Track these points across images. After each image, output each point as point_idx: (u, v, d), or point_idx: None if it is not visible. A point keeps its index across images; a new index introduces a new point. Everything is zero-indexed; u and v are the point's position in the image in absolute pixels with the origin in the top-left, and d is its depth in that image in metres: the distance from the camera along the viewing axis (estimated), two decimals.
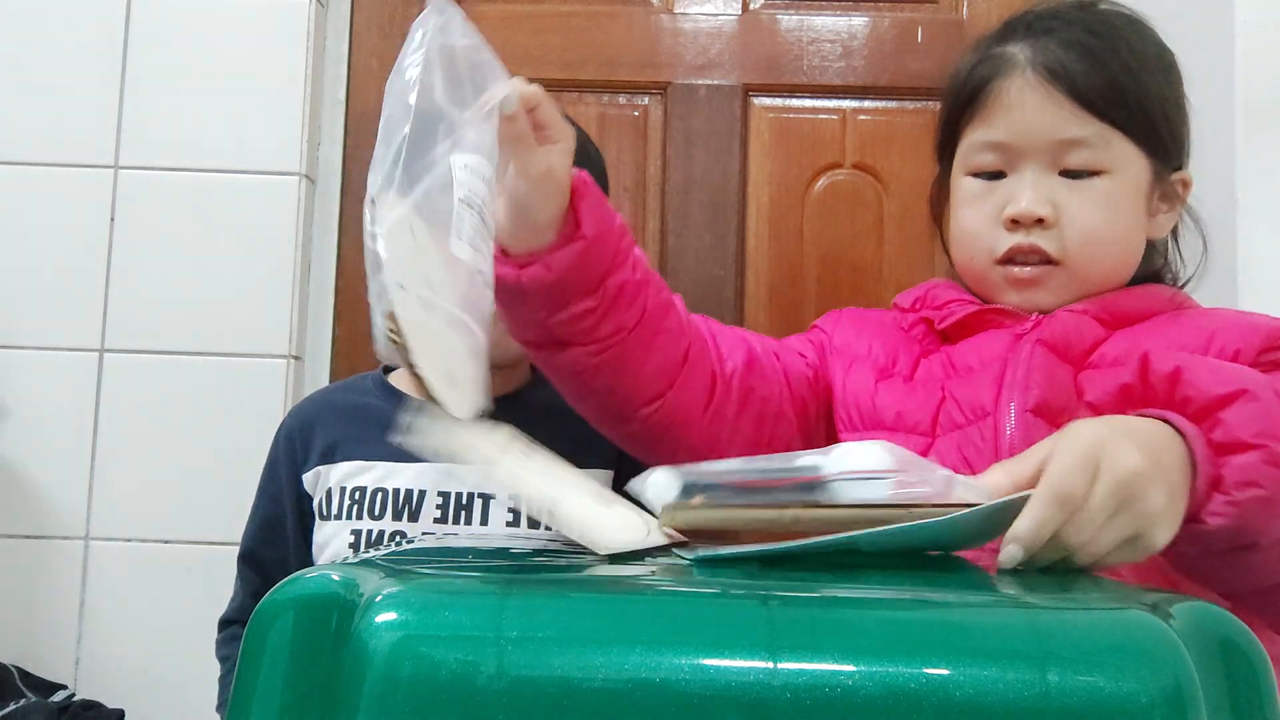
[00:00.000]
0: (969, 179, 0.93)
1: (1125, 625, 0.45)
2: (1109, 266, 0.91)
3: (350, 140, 1.55)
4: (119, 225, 1.48)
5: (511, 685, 0.42)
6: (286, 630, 0.46)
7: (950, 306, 0.95)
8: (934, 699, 0.42)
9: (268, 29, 1.50)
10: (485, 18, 1.58)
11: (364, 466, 1.08)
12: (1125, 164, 0.89)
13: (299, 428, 1.13)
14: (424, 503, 1.06)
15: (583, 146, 1.10)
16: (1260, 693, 0.44)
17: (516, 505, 1.07)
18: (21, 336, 1.46)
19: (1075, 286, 0.90)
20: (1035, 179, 0.89)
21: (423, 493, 1.07)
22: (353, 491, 1.07)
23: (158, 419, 1.45)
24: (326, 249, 1.54)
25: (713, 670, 0.43)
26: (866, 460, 0.57)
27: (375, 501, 1.07)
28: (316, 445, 1.11)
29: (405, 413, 1.08)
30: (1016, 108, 0.89)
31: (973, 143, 0.92)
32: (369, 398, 1.15)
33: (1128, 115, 0.88)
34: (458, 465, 1.05)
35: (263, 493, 1.15)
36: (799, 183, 1.54)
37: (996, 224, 0.90)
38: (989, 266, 0.92)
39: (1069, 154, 0.88)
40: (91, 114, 1.48)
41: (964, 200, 0.93)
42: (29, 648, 1.41)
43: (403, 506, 1.06)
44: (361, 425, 1.11)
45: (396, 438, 1.08)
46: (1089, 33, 0.90)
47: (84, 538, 1.44)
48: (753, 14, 1.57)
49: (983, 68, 0.92)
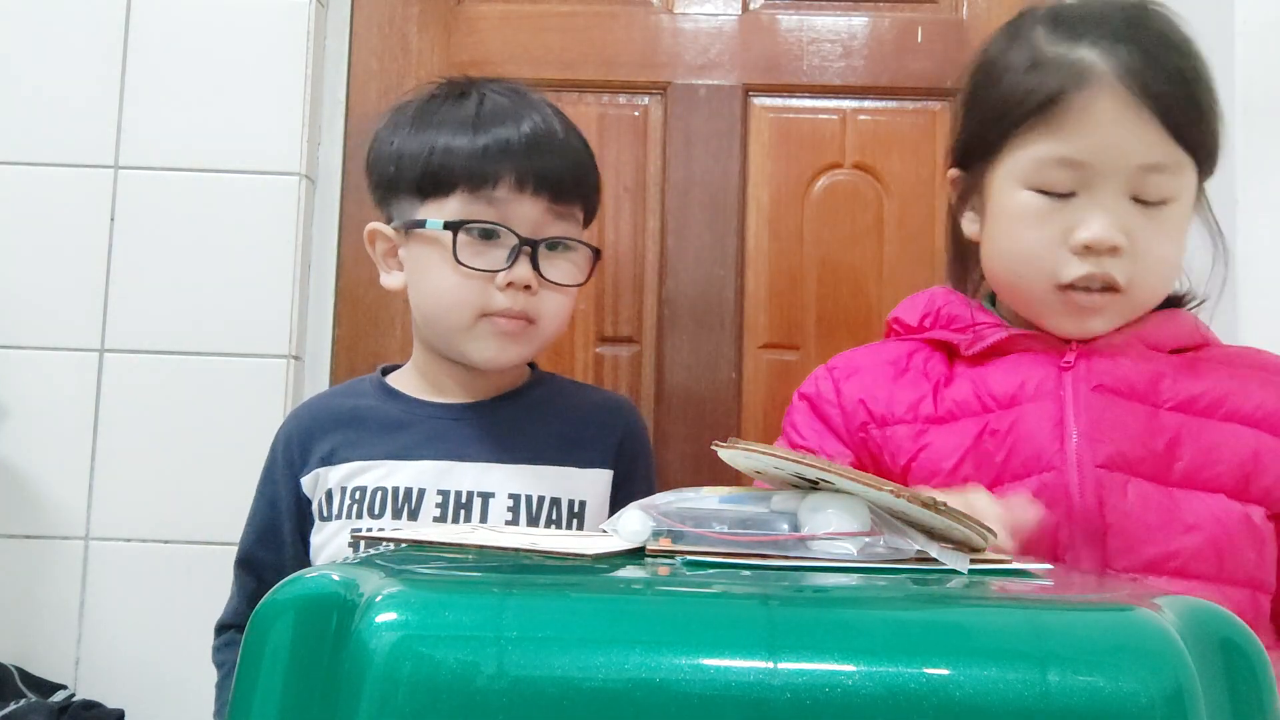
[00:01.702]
0: (1030, 194, 0.86)
1: (1125, 625, 0.45)
2: (1164, 294, 0.88)
3: (350, 140, 1.55)
4: (119, 225, 1.48)
5: (511, 685, 0.42)
6: (287, 630, 0.46)
7: (979, 330, 0.91)
8: (934, 699, 0.42)
9: (268, 29, 1.50)
10: (485, 18, 1.58)
11: (364, 466, 1.08)
12: (1188, 191, 0.86)
13: (297, 432, 1.13)
14: (424, 501, 1.06)
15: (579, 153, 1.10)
16: (1260, 692, 0.44)
17: (517, 502, 1.06)
18: (21, 336, 1.46)
19: (1129, 314, 0.87)
20: (1111, 204, 0.83)
21: (422, 491, 1.06)
22: (353, 491, 1.07)
23: (158, 419, 1.45)
24: (326, 249, 1.54)
25: (713, 670, 0.43)
26: (848, 521, 0.56)
27: (375, 500, 1.06)
28: (316, 449, 1.10)
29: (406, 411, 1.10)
30: (1101, 126, 0.82)
31: (1041, 157, 0.85)
32: (367, 399, 1.14)
33: (1202, 142, 0.84)
34: (457, 463, 1.06)
35: (260, 497, 1.14)
36: (799, 183, 1.54)
37: (1062, 247, 0.84)
38: (1048, 291, 0.86)
39: (1146, 180, 0.83)
40: (91, 114, 1.48)
41: (1021, 217, 0.87)
42: (29, 648, 1.41)
43: (402, 505, 1.06)
44: (360, 426, 1.10)
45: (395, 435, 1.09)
46: (1164, 44, 0.84)
47: (84, 538, 1.44)
48: (753, 14, 1.57)
49: (1051, 74, 0.85)
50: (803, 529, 0.56)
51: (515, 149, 1.04)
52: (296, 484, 1.11)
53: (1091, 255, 0.84)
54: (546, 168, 1.04)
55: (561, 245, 1.07)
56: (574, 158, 1.08)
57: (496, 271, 1.03)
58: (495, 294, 1.04)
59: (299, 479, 1.11)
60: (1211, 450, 0.82)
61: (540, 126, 1.06)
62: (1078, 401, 0.84)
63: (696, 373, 1.51)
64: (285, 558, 1.11)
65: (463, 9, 1.59)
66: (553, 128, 1.07)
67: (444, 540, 0.63)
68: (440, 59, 1.57)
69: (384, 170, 1.09)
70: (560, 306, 1.08)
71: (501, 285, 1.03)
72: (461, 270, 1.03)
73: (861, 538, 0.55)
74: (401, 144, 1.07)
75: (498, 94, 1.09)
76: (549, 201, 1.05)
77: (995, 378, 0.88)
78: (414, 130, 1.07)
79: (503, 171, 1.03)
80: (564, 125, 1.09)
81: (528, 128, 1.05)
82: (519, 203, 1.04)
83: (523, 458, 1.08)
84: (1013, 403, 0.86)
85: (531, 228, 1.04)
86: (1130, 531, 0.81)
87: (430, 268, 1.05)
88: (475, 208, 1.03)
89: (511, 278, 1.03)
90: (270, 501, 1.13)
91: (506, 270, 1.03)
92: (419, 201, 1.06)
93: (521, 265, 1.03)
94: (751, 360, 1.52)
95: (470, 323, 1.05)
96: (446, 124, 1.06)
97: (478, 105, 1.07)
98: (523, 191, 1.04)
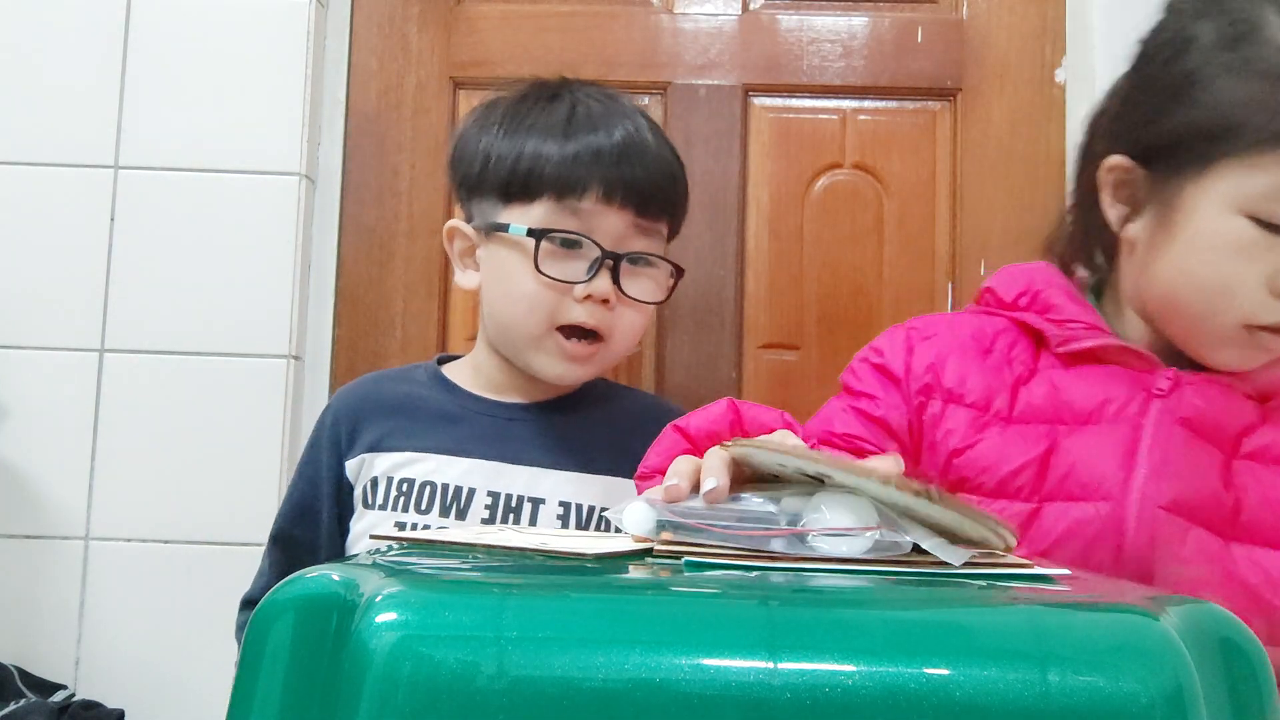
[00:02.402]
0: (1245, 222, 0.76)
1: (1125, 625, 0.45)
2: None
3: (350, 140, 1.55)
4: (119, 225, 1.48)
5: (512, 685, 0.42)
6: (287, 631, 0.46)
7: (1073, 328, 0.84)
8: (934, 699, 0.42)
9: (268, 29, 1.50)
10: (485, 18, 1.58)
11: (413, 458, 1.06)
12: None
13: (346, 412, 1.11)
14: (473, 500, 1.04)
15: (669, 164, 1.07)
16: (1260, 692, 0.44)
17: (567, 510, 1.05)
18: (21, 336, 1.46)
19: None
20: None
21: (472, 490, 1.04)
22: (400, 483, 1.05)
23: (158, 419, 1.45)
24: (326, 249, 1.54)
25: (713, 670, 0.43)
26: (850, 516, 0.55)
27: (424, 495, 1.04)
28: (364, 432, 1.09)
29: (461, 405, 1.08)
30: None
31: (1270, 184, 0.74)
32: (421, 388, 1.12)
33: None
34: (509, 465, 1.05)
35: (300, 474, 1.13)
36: (799, 183, 1.54)
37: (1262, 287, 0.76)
38: (1233, 328, 0.78)
39: None
40: (91, 114, 1.48)
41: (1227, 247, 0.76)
42: (29, 648, 1.41)
43: (450, 503, 1.04)
44: (412, 415, 1.09)
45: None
46: None
47: (84, 538, 1.44)
48: (753, 14, 1.57)
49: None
50: (805, 524, 0.56)
51: (605, 157, 1.02)
52: (340, 466, 1.09)
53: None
54: (635, 178, 1.03)
55: (644, 260, 1.06)
56: (664, 169, 1.06)
57: (575, 283, 1.02)
58: (572, 305, 1.03)
59: (344, 461, 1.09)
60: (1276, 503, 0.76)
61: (632, 135, 1.04)
62: (1158, 434, 0.78)
63: (696, 372, 1.51)
64: (320, 538, 1.09)
65: (463, 9, 1.59)
66: (644, 137, 1.05)
67: (454, 540, 0.63)
68: (440, 59, 1.57)
69: (469, 169, 1.08)
70: (635, 324, 1.07)
71: (579, 297, 1.02)
72: (541, 279, 1.02)
73: (863, 534, 0.55)
74: (490, 144, 1.06)
75: (591, 99, 1.07)
76: (635, 215, 1.03)
77: (1078, 388, 0.82)
78: (503, 131, 1.06)
79: (591, 180, 1.01)
80: (655, 135, 1.08)
81: (619, 136, 1.03)
82: (604, 214, 1.02)
83: (574, 465, 1.07)
84: (1090, 420, 0.81)
85: (615, 241, 1.03)
86: (1178, 584, 0.76)
87: (509, 273, 1.04)
88: (560, 216, 1.02)
89: (591, 290, 1.02)
90: (310, 480, 1.11)
91: (586, 283, 1.02)
92: (503, 204, 1.05)
93: (602, 279, 1.02)
94: (751, 360, 1.52)
95: (543, 333, 1.04)
96: (537, 128, 1.04)
97: (570, 110, 1.05)
98: (610, 203, 1.02)
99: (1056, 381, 0.83)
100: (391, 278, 1.54)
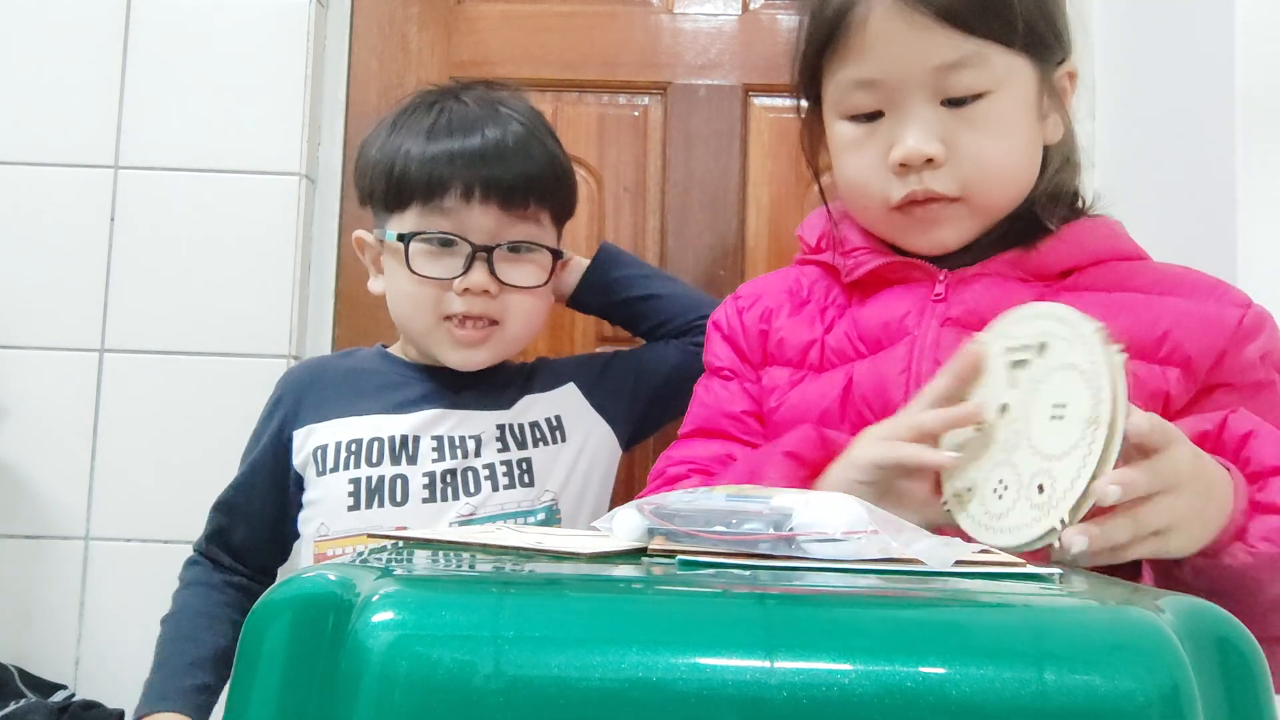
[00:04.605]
0: (845, 123, 0.85)
1: (1122, 624, 0.45)
2: (1012, 190, 0.84)
3: (350, 140, 1.55)
4: (119, 225, 1.48)
5: (508, 685, 0.42)
6: (283, 631, 0.46)
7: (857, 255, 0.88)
8: (931, 698, 0.42)
9: (268, 29, 1.50)
10: (485, 18, 1.58)
11: (358, 420, 1.12)
12: (1010, 77, 0.81)
13: (291, 388, 1.16)
14: (419, 446, 1.10)
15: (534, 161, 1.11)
16: (1256, 691, 0.44)
17: (505, 441, 1.12)
18: (21, 336, 1.46)
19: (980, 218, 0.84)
20: (917, 114, 0.80)
21: (418, 438, 1.10)
22: (349, 444, 1.10)
23: (158, 419, 1.45)
24: (326, 249, 1.54)
25: (710, 669, 0.43)
26: (839, 519, 0.55)
27: (372, 450, 1.10)
28: (309, 406, 1.14)
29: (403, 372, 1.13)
30: (881, 41, 0.80)
31: (841, 82, 0.83)
32: (366, 363, 1.19)
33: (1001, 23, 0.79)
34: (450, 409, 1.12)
35: (248, 450, 1.18)
36: (799, 183, 1.54)
37: (884, 169, 0.82)
38: (886, 215, 0.84)
39: (948, 80, 0.79)
40: (91, 114, 1.48)
41: (844, 148, 0.85)
42: (29, 648, 1.41)
43: (399, 451, 1.09)
44: (357, 386, 1.15)
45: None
46: None
47: (84, 538, 1.44)
48: (753, 14, 1.57)
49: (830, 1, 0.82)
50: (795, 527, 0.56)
51: (461, 159, 1.07)
52: (286, 439, 1.14)
53: (912, 172, 0.81)
54: (494, 176, 1.08)
55: (524, 247, 1.10)
56: (525, 166, 1.10)
57: (452, 279, 1.07)
58: (454, 299, 1.08)
59: (291, 433, 1.14)
60: None
61: (492, 136, 1.09)
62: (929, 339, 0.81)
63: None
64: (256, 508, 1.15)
65: (463, 9, 1.59)
66: (504, 136, 1.09)
67: (447, 539, 0.63)
68: (440, 59, 1.57)
69: (361, 181, 1.15)
70: (527, 307, 1.12)
71: (459, 291, 1.07)
72: (416, 279, 1.08)
73: (851, 538, 0.55)
74: (375, 154, 1.12)
75: (469, 102, 1.12)
76: (500, 209, 1.08)
77: (870, 317, 0.86)
78: (385, 141, 1.12)
79: (452, 181, 1.07)
80: (525, 132, 1.11)
81: (476, 140, 1.08)
82: (469, 211, 1.07)
83: (505, 403, 1.15)
84: (878, 345, 0.84)
85: (488, 234, 1.08)
86: None
87: (395, 276, 1.11)
88: (430, 218, 1.08)
89: (467, 284, 1.07)
90: (256, 454, 1.16)
91: (462, 276, 1.07)
92: (386, 213, 1.12)
93: (476, 272, 1.07)
94: None
95: (431, 326, 1.10)
96: (408, 135, 1.10)
97: (436, 116, 1.10)
98: (470, 200, 1.07)
99: (855, 317, 0.87)
100: None
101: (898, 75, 0.80)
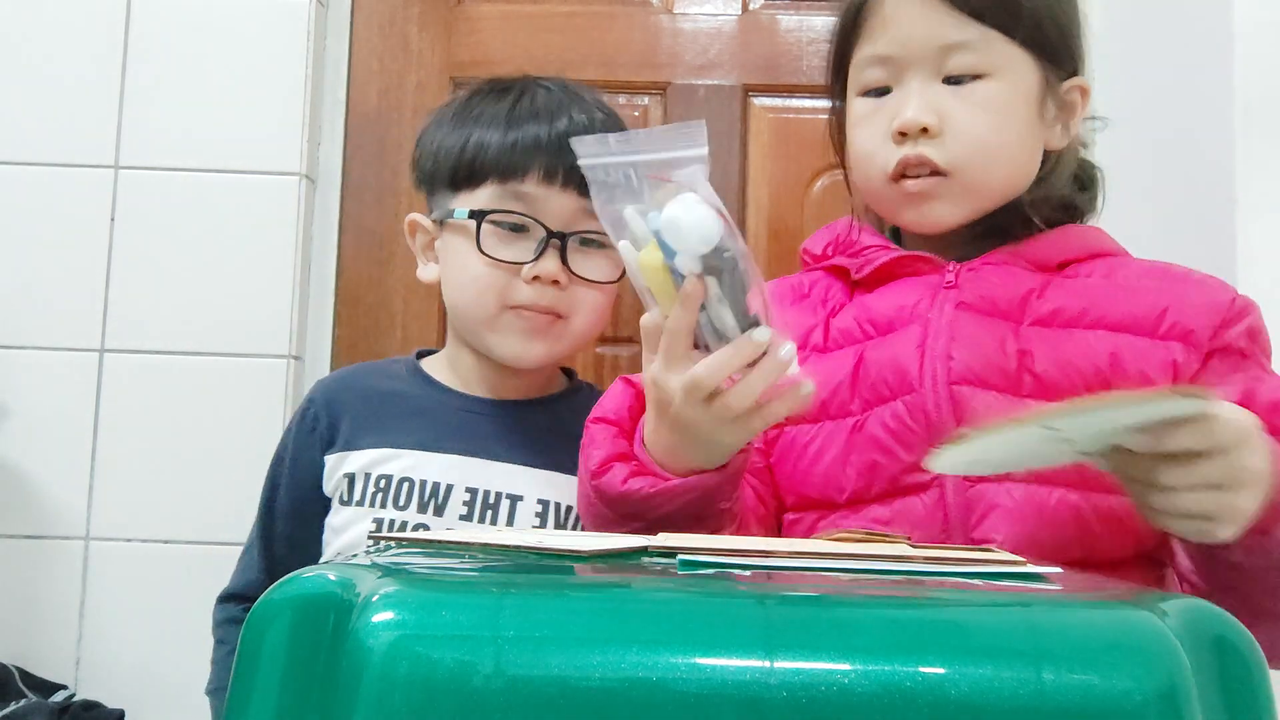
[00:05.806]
0: (860, 99, 0.91)
1: (1120, 623, 0.45)
2: (1002, 175, 0.88)
3: (350, 140, 1.55)
4: (119, 225, 1.48)
5: (509, 685, 0.42)
6: (284, 631, 0.46)
7: (868, 253, 0.93)
8: (930, 697, 0.42)
9: (268, 29, 1.50)
10: (485, 18, 1.58)
11: (391, 454, 1.06)
12: (1010, 67, 0.87)
13: (325, 405, 1.10)
14: (450, 497, 1.04)
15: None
16: (1254, 690, 0.44)
17: (545, 508, 1.05)
18: (21, 336, 1.46)
19: (970, 198, 0.88)
20: (919, 88, 0.87)
21: (450, 486, 1.04)
22: (378, 479, 1.05)
23: (158, 419, 1.45)
24: (326, 249, 1.54)
25: (710, 669, 0.43)
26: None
27: (401, 491, 1.04)
28: (343, 427, 1.08)
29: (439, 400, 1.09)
30: (894, 21, 0.87)
31: (859, 61, 0.91)
32: (401, 383, 1.12)
33: (1009, 17, 0.86)
34: (487, 461, 1.05)
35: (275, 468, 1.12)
36: (799, 183, 1.54)
37: (887, 140, 0.88)
38: (884, 185, 0.89)
39: (950, 59, 0.86)
40: (91, 114, 1.48)
41: (856, 122, 0.92)
42: (29, 648, 1.41)
43: (428, 499, 1.04)
44: (391, 411, 1.09)
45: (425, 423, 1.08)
46: None
47: (84, 538, 1.44)
48: (752, 14, 1.57)
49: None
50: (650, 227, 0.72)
51: (545, 143, 1.03)
52: (319, 459, 1.08)
53: (908, 140, 0.87)
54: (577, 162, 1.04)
55: (596, 241, 1.05)
56: None
57: (522, 264, 1.02)
58: (521, 287, 1.03)
59: (324, 455, 1.08)
60: (1067, 362, 0.83)
61: (576, 121, 1.05)
62: (944, 321, 0.86)
63: None
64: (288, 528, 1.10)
65: (463, 9, 1.59)
66: (591, 124, 1.05)
67: (447, 539, 0.63)
68: (440, 59, 1.57)
69: (424, 165, 1.10)
70: (593, 303, 1.06)
71: (527, 278, 1.02)
72: (486, 260, 1.02)
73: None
74: (441, 138, 1.08)
75: (544, 89, 1.08)
76: (579, 196, 1.02)
77: (881, 304, 0.90)
78: (453, 125, 1.07)
79: (531, 165, 1.03)
80: (611, 123, 1.08)
81: (563, 123, 1.04)
82: (549, 197, 1.03)
83: (550, 463, 1.06)
84: (890, 328, 0.88)
85: (563, 222, 1.03)
86: None
87: (459, 258, 1.05)
88: (505, 200, 1.03)
89: (537, 271, 1.02)
90: (279, 459, 1.11)
91: (533, 263, 1.02)
92: (452, 194, 1.06)
93: (549, 259, 1.02)
94: None
95: (494, 314, 1.04)
96: (483, 119, 1.06)
97: (515, 101, 1.06)
98: (551, 185, 1.03)
99: (861, 305, 0.92)
100: (391, 278, 1.54)
101: (905, 51, 0.87)
